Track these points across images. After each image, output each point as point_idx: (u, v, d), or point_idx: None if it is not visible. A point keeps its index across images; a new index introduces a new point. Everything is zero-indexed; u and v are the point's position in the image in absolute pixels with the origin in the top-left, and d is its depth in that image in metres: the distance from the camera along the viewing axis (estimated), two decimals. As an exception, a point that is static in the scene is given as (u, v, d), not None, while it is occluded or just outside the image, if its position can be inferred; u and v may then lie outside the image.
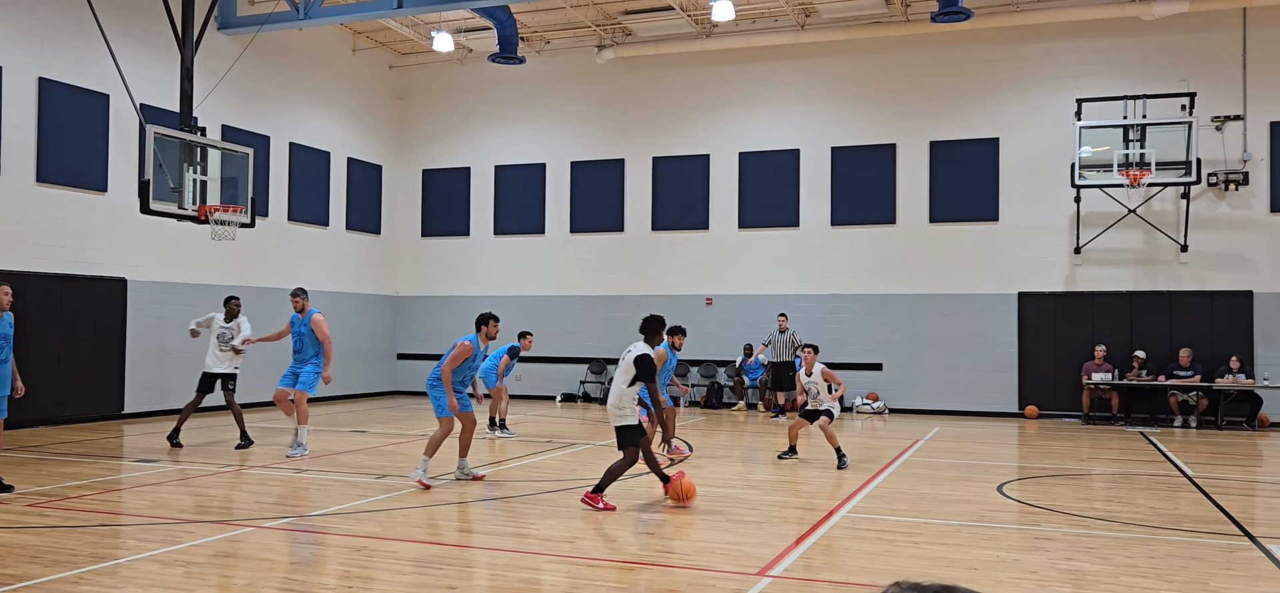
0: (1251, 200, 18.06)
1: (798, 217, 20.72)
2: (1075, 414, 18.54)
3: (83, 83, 16.16)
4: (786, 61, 20.85)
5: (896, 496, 10.10)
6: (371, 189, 23.19)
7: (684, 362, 21.20)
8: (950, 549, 7.62)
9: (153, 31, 16.79)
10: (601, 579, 6.64)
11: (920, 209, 19.93)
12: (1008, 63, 19.44)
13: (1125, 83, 18.44)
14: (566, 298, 22.18)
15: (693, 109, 21.66)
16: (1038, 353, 19.07)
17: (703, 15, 20.09)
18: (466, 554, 7.44)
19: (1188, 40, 18.35)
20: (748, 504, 9.54)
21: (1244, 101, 18.07)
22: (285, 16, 17.85)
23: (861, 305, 20.12)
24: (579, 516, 8.78)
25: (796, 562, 7.13)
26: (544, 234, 22.74)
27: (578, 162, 22.52)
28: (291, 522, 8.43)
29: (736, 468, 12.31)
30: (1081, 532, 8.34)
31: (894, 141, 20.12)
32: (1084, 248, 18.74)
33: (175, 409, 17.59)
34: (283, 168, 20.46)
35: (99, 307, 16.42)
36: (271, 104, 20.14)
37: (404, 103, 24.09)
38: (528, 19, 21.03)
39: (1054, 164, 18.75)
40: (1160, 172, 17.43)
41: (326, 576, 6.70)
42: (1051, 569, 6.93)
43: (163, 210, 14.40)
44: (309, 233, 21.21)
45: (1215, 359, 17.64)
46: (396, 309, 23.68)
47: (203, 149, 15.04)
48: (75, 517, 8.46)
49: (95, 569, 6.65)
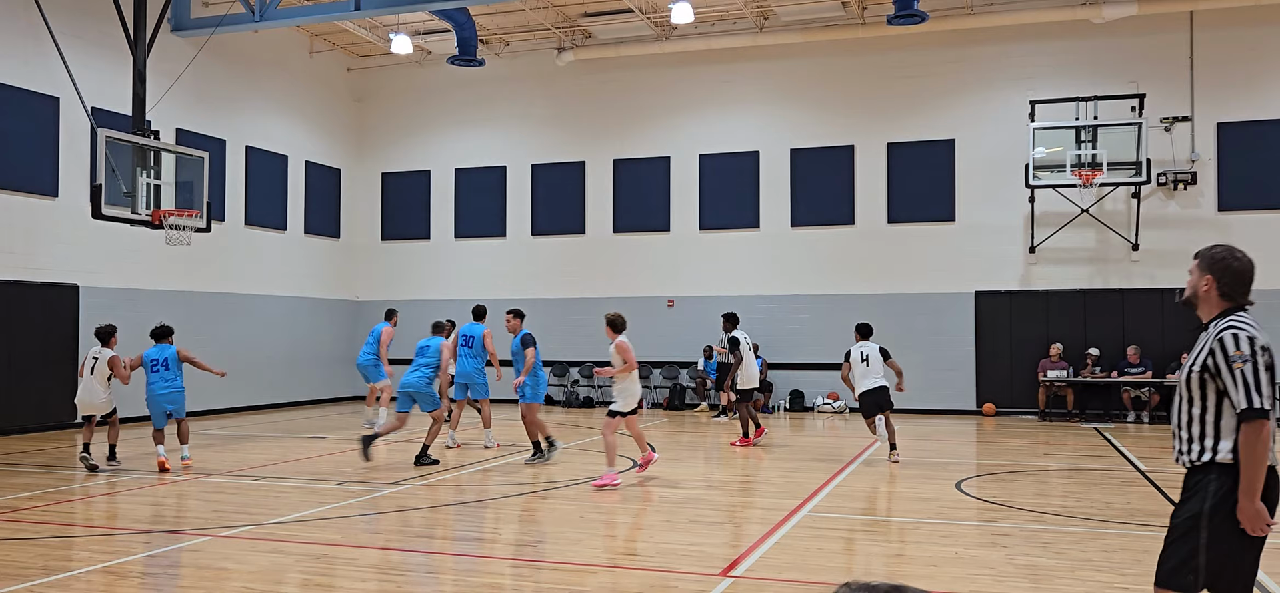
0: (1200, 199, 18.45)
1: (758, 218, 20.84)
2: (1032, 411, 18.82)
3: (32, 85, 15.84)
4: (746, 64, 20.97)
5: (856, 494, 10.20)
6: (330, 193, 22.98)
7: (646, 363, 21.25)
8: (909, 547, 7.71)
9: (104, 33, 16.51)
10: (564, 582, 6.64)
11: (878, 210, 20.13)
12: (963, 65, 19.71)
13: (1077, 85, 18.76)
14: (528, 301, 22.10)
15: (653, 111, 21.71)
16: (994, 351, 19.34)
17: (662, 18, 20.14)
18: (428, 560, 7.40)
19: (1137, 43, 18.72)
20: (709, 505, 9.59)
21: (1192, 103, 18.46)
22: (240, 18, 17.63)
23: (821, 306, 20.27)
24: (542, 519, 8.77)
25: (758, 562, 7.18)
26: (505, 237, 22.67)
27: (538, 164, 22.47)
28: (249, 530, 8.33)
29: (698, 469, 12.35)
30: (1038, 527, 8.48)
31: (852, 143, 20.31)
32: (1038, 247, 19.04)
33: (130, 418, 17.32)
34: (239, 172, 20.20)
35: (50, 314, 16.10)
36: (227, 107, 19.88)
37: (363, 105, 23.89)
38: (487, 21, 20.96)
39: (1008, 165, 19.03)
40: (1112, 172, 17.76)
41: (286, 585, 6.63)
42: (1008, 565, 7.04)
43: (115, 215, 14.14)
44: (267, 237, 20.96)
45: (1166, 356, 18.00)
46: (356, 314, 23.47)
47: (156, 153, 14.80)
48: (26, 529, 8.29)
49: (47, 582, 6.53)
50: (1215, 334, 3.84)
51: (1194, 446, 3.87)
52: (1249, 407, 3.71)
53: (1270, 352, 3.79)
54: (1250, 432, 3.71)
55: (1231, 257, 3.94)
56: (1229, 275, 3.91)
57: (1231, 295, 3.91)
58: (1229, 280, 3.91)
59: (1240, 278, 3.92)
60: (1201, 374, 3.85)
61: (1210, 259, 3.97)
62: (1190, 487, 3.90)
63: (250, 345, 20.06)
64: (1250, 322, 3.84)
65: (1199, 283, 3.97)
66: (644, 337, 21.46)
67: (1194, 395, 3.88)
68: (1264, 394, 3.72)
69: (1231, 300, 3.92)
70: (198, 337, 18.67)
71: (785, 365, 20.28)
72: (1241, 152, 18.22)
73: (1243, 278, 3.92)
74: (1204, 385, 3.85)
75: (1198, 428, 3.87)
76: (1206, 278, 3.95)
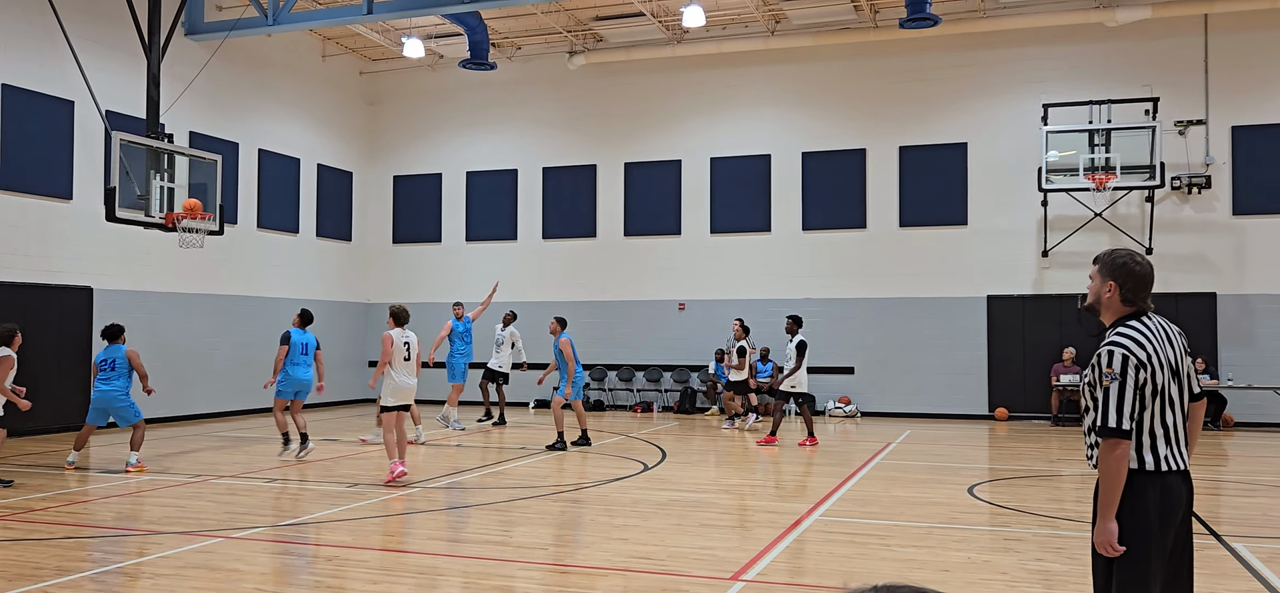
0: (1214, 204, 18.35)
1: (769, 221, 20.81)
2: (1044, 416, 18.73)
3: (47, 89, 15.93)
4: (757, 67, 20.95)
5: (869, 499, 10.17)
6: (342, 196, 23.05)
7: (657, 366, 21.28)
8: (922, 552, 7.68)
9: (118, 37, 16.60)
10: (575, 586, 6.63)
11: (890, 213, 20.08)
12: (975, 68, 19.64)
13: (1090, 88, 18.68)
14: (539, 304, 22.13)
15: (664, 115, 21.71)
16: (1007, 355, 19.26)
17: (673, 21, 20.14)
18: (439, 563, 7.40)
19: (1151, 46, 18.63)
20: (721, 509, 9.57)
21: (1206, 106, 18.37)
22: (253, 22, 17.71)
23: (833, 310, 20.22)
24: (553, 522, 8.76)
25: (770, 566, 7.16)
26: (516, 240, 22.70)
27: (549, 167, 22.49)
28: (261, 531, 8.36)
29: (709, 473, 12.33)
30: (1051, 533, 8.44)
31: (864, 147, 20.27)
32: (1051, 251, 18.96)
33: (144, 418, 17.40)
34: (252, 175, 20.28)
35: (64, 316, 16.18)
36: (240, 110, 19.96)
37: (374, 109, 23.96)
38: (498, 25, 21.00)
39: (1021, 168, 18.96)
40: (1125, 175, 17.67)
41: (297, 586, 6.64)
42: (1022, 570, 7.00)
43: (129, 218, 14.21)
44: (279, 240, 21.03)
45: (1180, 360, 17.87)
46: (367, 317, 23.53)
47: (170, 156, 14.88)
48: (40, 529, 8.33)
49: (60, 582, 6.56)
50: (1099, 348, 3.81)
51: (1092, 454, 3.85)
52: (1104, 424, 3.66)
53: (1149, 368, 3.69)
54: (1105, 450, 3.66)
55: (1132, 261, 3.90)
56: (1131, 280, 3.87)
57: (1133, 300, 3.87)
58: (1131, 286, 3.87)
59: (1142, 282, 3.88)
60: (1089, 387, 3.84)
61: (1111, 265, 3.91)
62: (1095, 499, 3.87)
63: (262, 348, 20.05)
64: (1141, 333, 3.77)
65: (1101, 289, 3.92)
66: (655, 340, 21.51)
67: (1089, 405, 3.86)
68: (1123, 414, 3.64)
69: (1133, 305, 3.88)
70: (210, 339, 18.80)
71: (796, 369, 20.22)
72: (1256, 155, 18.11)
73: (1145, 282, 3.89)
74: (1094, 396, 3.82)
75: (1093, 438, 3.84)
76: (1109, 284, 3.90)
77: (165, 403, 17.81)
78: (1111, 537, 3.67)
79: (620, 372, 21.63)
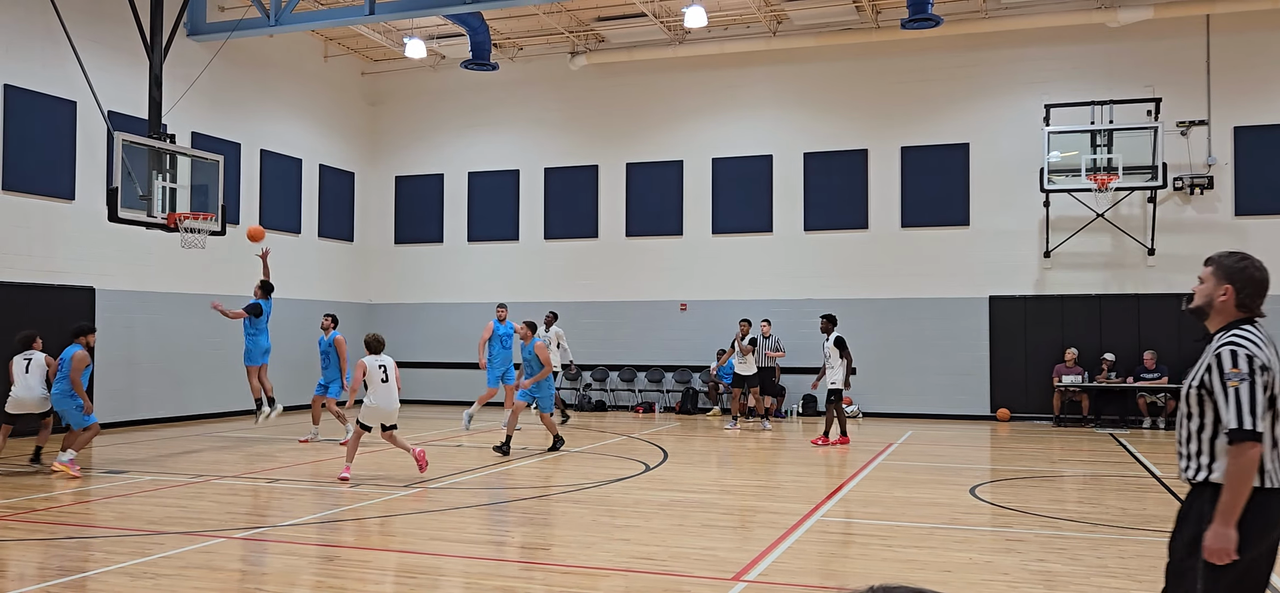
0: (1216, 204, 18.32)
1: (771, 222, 20.81)
2: (1046, 417, 18.71)
3: (49, 90, 15.94)
4: (758, 68, 20.94)
5: (870, 499, 10.16)
6: (344, 196, 23.05)
7: (659, 367, 21.27)
8: (923, 552, 7.67)
9: (120, 38, 16.60)
10: (576, 586, 6.63)
11: (892, 214, 20.07)
12: (977, 69, 19.63)
13: (1092, 89, 18.66)
14: (541, 305, 22.12)
15: (666, 115, 21.71)
16: (1009, 356, 19.24)
17: (675, 22, 20.14)
18: (441, 564, 7.40)
19: (1153, 47, 18.61)
20: (722, 509, 9.57)
21: (1208, 107, 18.34)
22: (255, 23, 17.72)
23: (834, 310, 20.11)
24: (555, 522, 8.76)
25: (771, 567, 7.15)
26: (518, 241, 22.70)
27: (551, 168, 22.50)
28: (263, 532, 8.36)
29: (711, 473, 12.33)
30: (1053, 533, 8.43)
31: (866, 147, 20.26)
32: (1053, 252, 18.95)
33: (144, 420, 17.43)
34: (254, 175, 20.28)
35: (66, 316, 16.16)
36: (242, 111, 19.97)
37: (376, 109, 23.97)
38: (500, 26, 21.00)
39: (1023, 169, 18.94)
40: (1127, 176, 17.66)
41: (299, 586, 6.65)
42: (1023, 571, 7.00)
43: (131, 218, 14.21)
44: (280, 241, 20.98)
45: (1183, 361, 17.86)
46: (369, 317, 23.53)
47: (172, 156, 14.88)
48: (42, 530, 8.34)
49: (62, 582, 6.56)
50: (1215, 349, 3.63)
51: (1191, 464, 3.69)
52: (1238, 427, 3.48)
53: (1271, 372, 3.55)
54: (1235, 453, 3.49)
55: (1252, 265, 3.72)
56: (1250, 285, 3.70)
57: (1248, 306, 3.70)
58: (1249, 291, 3.70)
59: (1261, 288, 3.72)
60: (1199, 390, 3.67)
61: (1228, 268, 3.71)
62: (1186, 508, 3.74)
63: (264, 348, 20.10)
64: (1257, 337, 3.60)
65: (1216, 291, 3.72)
66: (656, 341, 21.51)
67: (1192, 411, 3.70)
68: (1256, 416, 3.47)
69: (1247, 311, 3.70)
70: (212, 340, 18.78)
71: (798, 370, 20.21)
72: (1258, 156, 18.09)
73: (1262, 288, 3.73)
74: (1202, 402, 3.65)
75: (1195, 445, 3.68)
76: (1225, 287, 3.70)
77: (167, 403, 17.85)
78: (1230, 545, 3.47)
79: (622, 372, 21.62)
